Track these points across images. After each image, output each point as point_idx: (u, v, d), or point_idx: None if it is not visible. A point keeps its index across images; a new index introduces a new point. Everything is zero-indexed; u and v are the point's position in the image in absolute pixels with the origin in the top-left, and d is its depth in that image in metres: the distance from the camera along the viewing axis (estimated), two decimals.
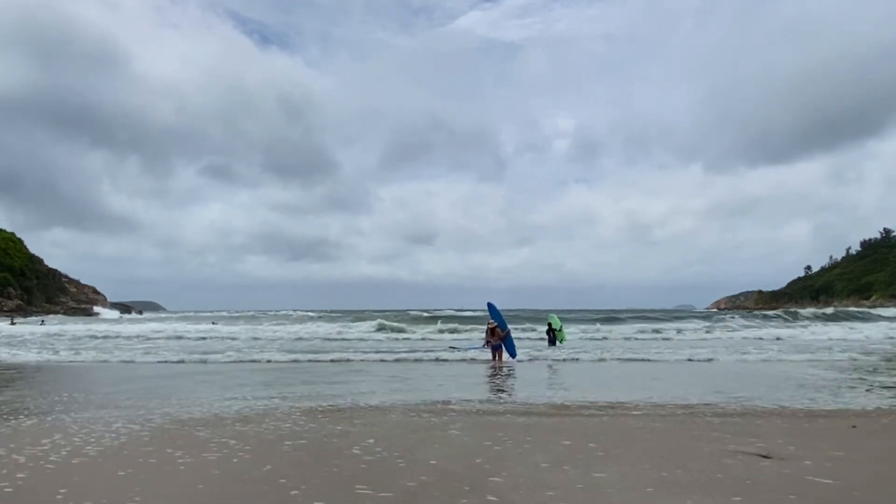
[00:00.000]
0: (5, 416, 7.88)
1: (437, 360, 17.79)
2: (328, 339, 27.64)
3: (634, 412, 8.13)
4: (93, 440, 6.26)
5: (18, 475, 4.88)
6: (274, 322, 44.39)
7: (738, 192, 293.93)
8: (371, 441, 6.10)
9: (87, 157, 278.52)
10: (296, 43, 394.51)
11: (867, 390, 10.57)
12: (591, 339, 27.42)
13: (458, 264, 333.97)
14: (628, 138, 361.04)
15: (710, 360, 17.81)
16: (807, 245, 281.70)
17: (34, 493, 4.37)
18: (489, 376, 13.69)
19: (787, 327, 34.82)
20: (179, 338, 28.19)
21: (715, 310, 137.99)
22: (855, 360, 17.14)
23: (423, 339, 27.96)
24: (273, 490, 4.37)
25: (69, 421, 7.52)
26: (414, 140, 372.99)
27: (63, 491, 4.36)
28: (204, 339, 27.79)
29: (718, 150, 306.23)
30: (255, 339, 27.30)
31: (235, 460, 5.31)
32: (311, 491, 4.33)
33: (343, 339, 27.55)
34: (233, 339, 27.22)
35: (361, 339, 27.56)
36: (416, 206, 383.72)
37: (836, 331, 30.75)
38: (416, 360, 17.47)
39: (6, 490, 4.47)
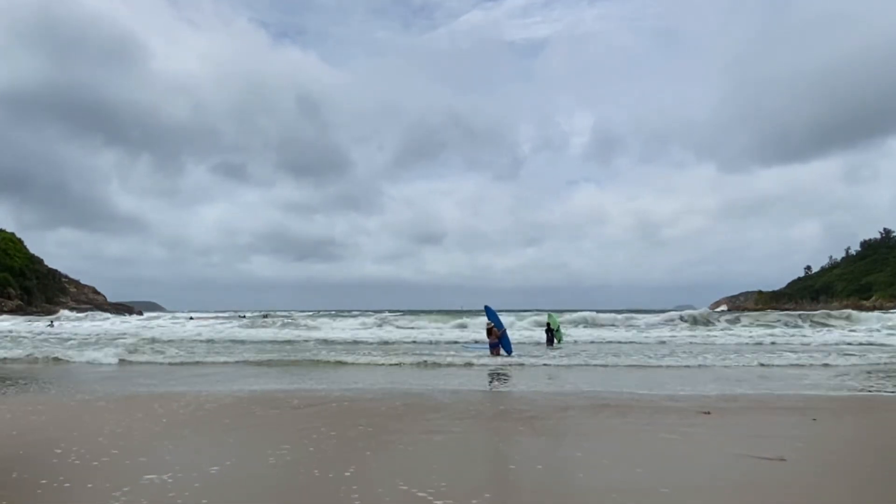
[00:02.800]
0: (136, 387, 11.03)
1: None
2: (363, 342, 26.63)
3: None
4: (211, 400, 9.47)
5: (163, 420, 7.85)
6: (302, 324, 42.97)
7: (751, 190, 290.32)
8: (395, 402, 8.95)
9: (99, 155, 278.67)
10: (301, 42, 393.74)
11: None
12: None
13: (464, 264, 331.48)
14: (646, 136, 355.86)
15: None
16: (817, 245, 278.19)
17: (175, 428, 7.29)
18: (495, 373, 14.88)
19: None
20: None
21: (716, 310, 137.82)
22: None
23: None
24: (308, 426, 7.38)
25: (184, 390, 10.67)
26: (429, 138, 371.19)
27: (186, 431, 7.27)
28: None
29: (736, 148, 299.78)
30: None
31: (288, 416, 8.46)
32: (329, 426, 7.34)
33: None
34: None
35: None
36: (428, 205, 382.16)
37: None
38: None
39: (155, 430, 7.30)
